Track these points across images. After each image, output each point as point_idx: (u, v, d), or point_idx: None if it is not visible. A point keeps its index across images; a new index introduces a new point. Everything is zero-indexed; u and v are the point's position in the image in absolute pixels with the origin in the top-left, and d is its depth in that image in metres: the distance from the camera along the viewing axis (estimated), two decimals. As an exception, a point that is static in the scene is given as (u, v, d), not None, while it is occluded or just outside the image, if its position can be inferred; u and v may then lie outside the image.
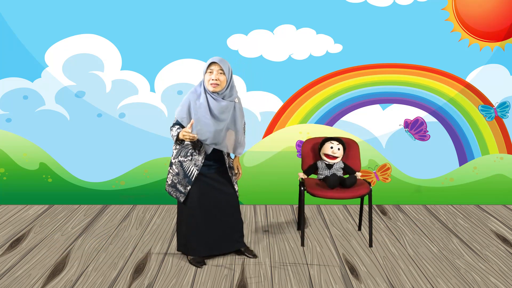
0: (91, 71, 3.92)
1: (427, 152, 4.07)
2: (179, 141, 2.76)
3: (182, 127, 2.76)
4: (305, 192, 3.16)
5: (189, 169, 2.79)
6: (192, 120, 2.68)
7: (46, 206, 4.06)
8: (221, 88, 2.75)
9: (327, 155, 3.27)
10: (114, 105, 3.97)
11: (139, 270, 2.85)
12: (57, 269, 2.85)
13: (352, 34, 3.87)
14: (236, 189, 2.98)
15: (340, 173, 3.26)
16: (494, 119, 4.04)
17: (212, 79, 2.71)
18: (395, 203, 4.14)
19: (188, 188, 2.81)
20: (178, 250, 3.00)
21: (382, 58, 3.92)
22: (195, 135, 2.64)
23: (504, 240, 3.34)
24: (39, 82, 3.92)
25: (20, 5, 3.81)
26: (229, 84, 2.78)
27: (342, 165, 3.27)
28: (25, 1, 3.80)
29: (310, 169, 3.32)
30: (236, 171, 3.00)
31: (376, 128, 4.05)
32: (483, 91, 3.99)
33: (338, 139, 3.30)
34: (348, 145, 3.37)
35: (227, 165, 2.89)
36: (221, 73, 2.73)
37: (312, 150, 3.38)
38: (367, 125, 4.04)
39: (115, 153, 4.03)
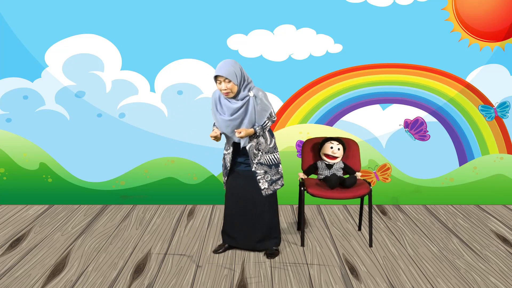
0: (91, 71, 3.92)
1: (427, 152, 4.07)
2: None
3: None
4: (305, 192, 3.16)
5: (226, 162, 3.04)
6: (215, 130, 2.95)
7: (46, 206, 4.06)
8: (234, 93, 2.85)
9: (327, 155, 3.27)
10: (114, 105, 3.97)
11: (139, 270, 2.85)
12: (57, 269, 2.85)
13: (352, 34, 3.87)
14: (265, 186, 2.94)
15: (340, 173, 3.26)
16: (494, 119, 4.04)
17: (223, 89, 2.82)
18: (395, 203, 4.14)
19: (225, 179, 3.07)
20: None
21: (382, 58, 3.92)
22: (214, 135, 2.90)
23: (504, 240, 3.35)
24: (39, 82, 3.92)
25: (20, 5, 3.81)
26: (241, 85, 2.85)
27: (342, 165, 3.27)
28: (25, 1, 3.80)
29: (310, 169, 3.32)
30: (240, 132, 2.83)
31: (376, 128, 4.05)
32: (483, 91, 3.99)
33: (338, 139, 3.30)
34: (348, 145, 3.37)
35: (256, 162, 2.92)
36: (228, 81, 2.79)
37: (312, 150, 3.38)
38: (367, 125, 4.04)
39: (115, 153, 4.03)
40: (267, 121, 2.92)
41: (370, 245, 3.21)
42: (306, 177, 3.35)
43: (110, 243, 3.27)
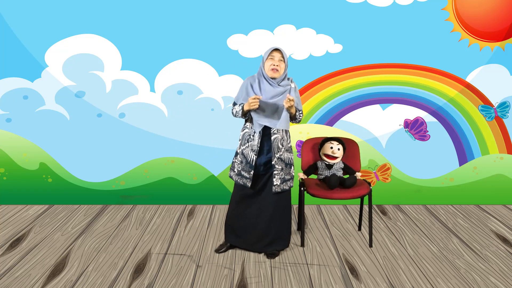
0: (91, 71, 3.92)
1: (427, 152, 4.07)
2: (244, 114, 2.94)
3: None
4: (305, 192, 3.16)
5: (248, 155, 2.94)
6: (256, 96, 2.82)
7: (46, 206, 4.06)
8: (279, 75, 2.91)
9: (327, 155, 3.27)
10: (114, 105, 3.97)
11: (139, 270, 2.85)
12: (57, 269, 2.85)
13: (352, 34, 3.87)
14: (277, 183, 2.94)
15: (340, 173, 3.26)
16: (494, 119, 4.04)
17: (274, 65, 2.87)
18: (395, 203, 4.14)
19: (252, 172, 2.93)
20: None
21: (382, 58, 3.92)
22: (259, 96, 2.81)
23: (504, 240, 3.35)
24: (39, 82, 3.92)
25: (20, 5, 3.81)
26: (285, 72, 2.94)
27: (342, 165, 3.27)
28: (25, 1, 3.80)
29: (310, 169, 3.32)
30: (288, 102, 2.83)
31: (376, 128, 4.05)
32: (483, 91, 3.99)
33: (338, 139, 3.30)
34: (348, 145, 3.37)
35: (278, 157, 2.93)
36: (281, 60, 2.89)
37: (312, 150, 3.38)
38: (367, 125, 4.04)
39: (115, 153, 4.03)
40: (300, 114, 3.00)
41: (370, 245, 3.21)
42: (306, 177, 3.34)
43: (110, 243, 3.27)
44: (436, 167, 4.09)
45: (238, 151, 3.01)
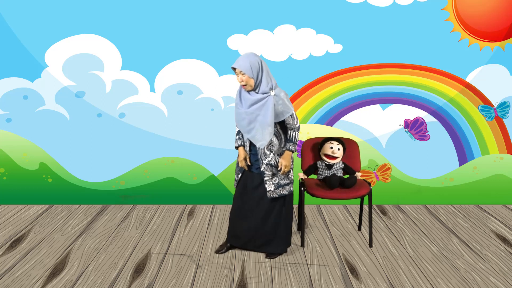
0: (91, 71, 3.92)
1: (427, 152, 4.07)
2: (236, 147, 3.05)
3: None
4: (305, 192, 3.16)
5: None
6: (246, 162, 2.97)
7: (46, 206, 4.06)
8: (252, 86, 2.82)
9: (327, 155, 3.27)
10: (114, 105, 3.97)
11: (139, 270, 2.85)
12: (57, 269, 2.85)
13: (352, 34, 3.87)
14: (271, 189, 2.91)
15: (340, 173, 3.26)
16: (494, 119, 4.04)
17: (239, 81, 2.83)
18: (395, 203, 4.14)
19: (240, 175, 3.03)
20: None
21: (382, 58, 3.92)
22: (245, 167, 2.97)
23: (504, 240, 3.35)
24: (39, 82, 3.92)
25: (20, 5, 3.81)
26: (259, 79, 2.81)
27: (342, 165, 3.27)
28: (25, 1, 3.80)
29: (310, 169, 3.32)
30: (280, 167, 2.90)
31: (376, 128, 4.05)
32: (483, 91, 3.99)
33: (338, 139, 3.30)
34: (348, 145, 3.37)
35: (266, 163, 2.88)
36: (243, 74, 2.79)
37: (312, 150, 3.38)
38: (367, 125, 4.04)
39: (115, 153, 4.03)
40: (294, 133, 2.88)
41: (370, 245, 3.21)
42: (306, 177, 3.35)
43: (110, 243, 3.27)
44: (436, 167, 4.09)
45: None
